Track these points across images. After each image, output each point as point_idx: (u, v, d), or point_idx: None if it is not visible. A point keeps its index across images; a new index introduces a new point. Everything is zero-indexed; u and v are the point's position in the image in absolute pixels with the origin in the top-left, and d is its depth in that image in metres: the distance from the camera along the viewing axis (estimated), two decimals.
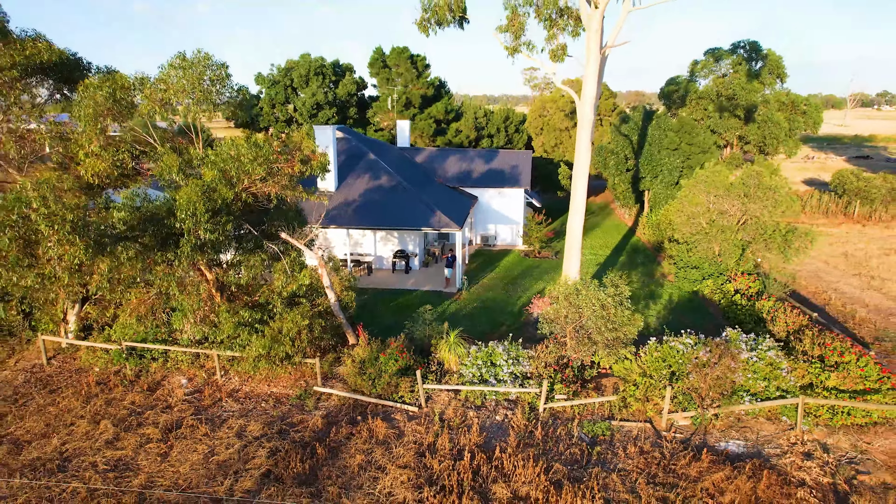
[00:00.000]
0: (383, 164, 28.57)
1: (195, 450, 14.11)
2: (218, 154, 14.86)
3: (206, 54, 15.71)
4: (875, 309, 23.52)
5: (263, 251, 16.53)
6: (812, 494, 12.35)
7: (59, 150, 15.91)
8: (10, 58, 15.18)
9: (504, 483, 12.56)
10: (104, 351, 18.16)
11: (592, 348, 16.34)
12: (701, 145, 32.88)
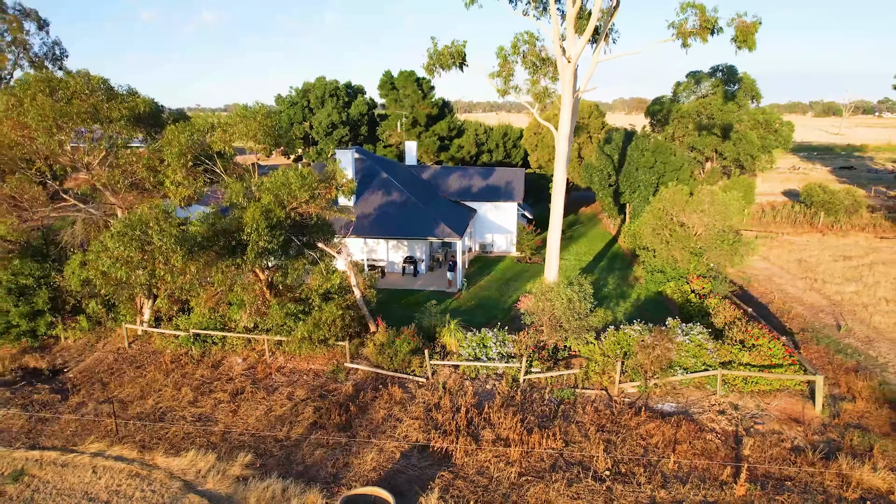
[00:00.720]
0: (394, 181, 33.11)
1: (257, 408, 18.59)
2: (273, 182, 19.39)
3: (262, 106, 20.24)
4: (809, 306, 27.87)
5: (304, 257, 21.03)
6: (717, 437, 16.74)
7: (151, 179, 20.45)
8: (119, 111, 19.75)
9: (490, 429, 16.98)
10: (174, 337, 22.66)
11: (563, 334, 20.74)
12: (673, 164, 37.29)
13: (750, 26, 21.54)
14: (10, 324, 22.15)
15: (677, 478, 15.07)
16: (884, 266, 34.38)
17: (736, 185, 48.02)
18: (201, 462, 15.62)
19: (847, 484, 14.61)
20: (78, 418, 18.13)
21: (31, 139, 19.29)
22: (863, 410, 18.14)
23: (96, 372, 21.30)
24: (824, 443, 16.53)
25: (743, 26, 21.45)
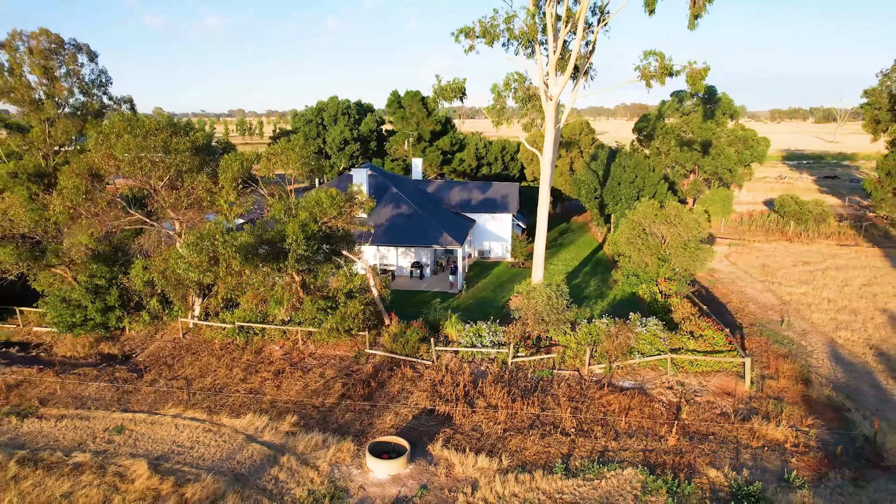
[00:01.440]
0: (403, 195, 37.68)
1: (296, 384, 23.09)
2: (307, 201, 23.95)
3: (301, 142, 24.75)
4: (762, 305, 32.28)
5: (331, 262, 25.56)
6: (662, 406, 21.17)
7: (207, 198, 24.97)
8: (184, 144, 24.34)
9: (482, 399, 21.45)
10: (221, 328, 27.18)
11: (545, 326, 25.21)
12: (651, 180, 41.76)
13: (699, 72, 26.07)
14: (87, 317, 26.68)
15: (627, 434, 19.51)
16: (836, 271, 38.77)
17: (715, 197, 52.57)
18: (258, 422, 20.12)
19: (754, 437, 19.04)
20: (154, 390, 22.68)
21: (117, 167, 23.91)
22: (783, 386, 22.55)
23: (160, 357, 25.85)
24: (746, 409, 20.95)
25: (693, 72, 26.00)
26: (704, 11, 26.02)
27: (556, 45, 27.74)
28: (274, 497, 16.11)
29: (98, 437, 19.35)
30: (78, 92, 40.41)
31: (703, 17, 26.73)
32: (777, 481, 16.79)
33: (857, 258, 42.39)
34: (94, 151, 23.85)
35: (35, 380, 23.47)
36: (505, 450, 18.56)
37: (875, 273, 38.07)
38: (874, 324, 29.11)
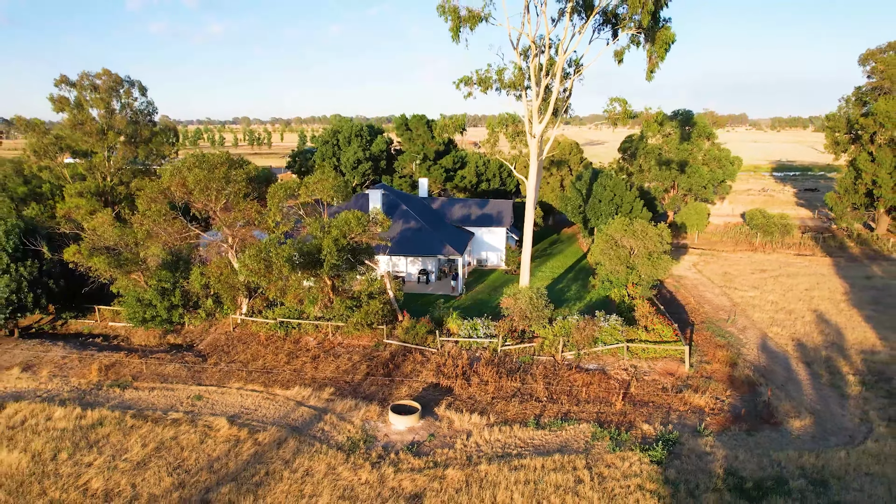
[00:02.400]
0: (411, 211, 43.84)
1: (329, 366, 29.17)
2: (338, 221, 30.11)
3: (336, 174, 30.89)
4: (716, 306, 38.26)
5: (355, 269, 31.70)
6: (617, 381, 27.15)
7: (258, 218, 31.14)
8: (240, 175, 30.57)
9: (476, 376, 27.50)
10: (265, 323, 33.30)
11: (528, 321, 31.25)
12: (628, 198, 47.81)
13: (652, 115, 32.29)
14: (156, 314, 32.83)
15: (586, 401, 25.51)
16: (787, 277, 44.72)
17: (690, 211, 58.69)
18: (303, 392, 26.21)
19: (683, 404, 25.04)
20: (219, 370, 28.81)
21: (189, 194, 30.12)
22: (715, 369, 28.53)
23: (217, 345, 31.99)
24: (682, 385, 26.93)
25: (647, 116, 32.30)
26: (658, 68, 32.20)
27: (538, 90, 33.91)
28: (322, 441, 22.17)
29: (183, 402, 25.47)
30: (131, 122, 46.81)
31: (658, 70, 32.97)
32: (692, 432, 22.76)
33: (809, 266, 48.31)
34: (169, 180, 30.13)
35: (125, 362, 29.64)
36: (492, 411, 24.59)
37: (819, 279, 44.01)
38: (803, 321, 35.08)
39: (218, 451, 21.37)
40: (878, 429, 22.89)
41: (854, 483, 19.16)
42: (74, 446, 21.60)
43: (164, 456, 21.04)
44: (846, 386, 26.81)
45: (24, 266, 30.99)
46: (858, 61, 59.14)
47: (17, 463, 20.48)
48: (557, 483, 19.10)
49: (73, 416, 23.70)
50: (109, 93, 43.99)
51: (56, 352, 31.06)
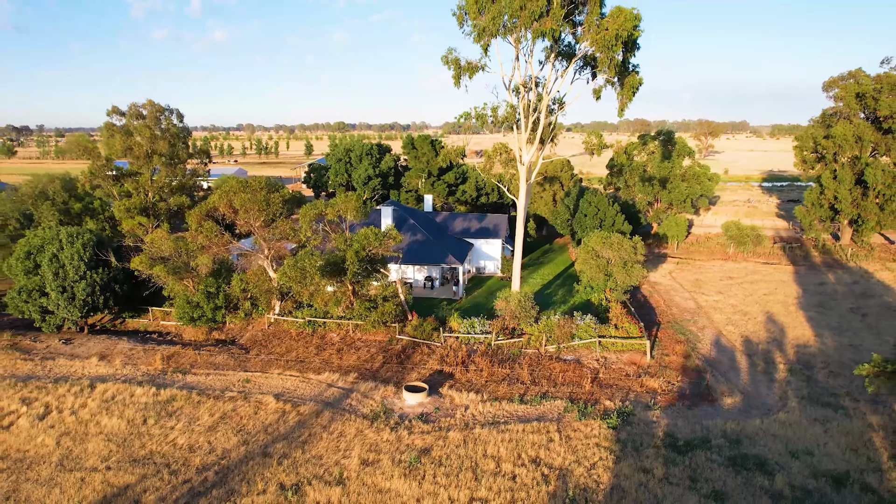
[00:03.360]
0: (418, 225, 49.85)
1: (352, 356, 35.13)
2: (359, 237, 36.14)
3: (358, 195, 36.90)
4: (683, 309, 44.11)
5: (372, 276, 37.70)
6: (588, 369, 33.05)
7: (291, 234, 37.14)
8: (277, 198, 36.67)
9: (473, 365, 33.43)
10: (294, 322, 39.26)
11: (517, 321, 37.17)
12: (610, 213, 53.75)
13: (623, 146, 38.21)
14: (203, 314, 38.81)
15: (562, 384, 31.40)
16: (750, 284, 50.56)
17: (671, 223, 64.57)
18: (332, 376, 32.17)
19: (641, 386, 30.91)
20: (260, 360, 34.80)
21: (234, 213, 36.19)
22: (672, 360, 34.40)
23: (256, 340, 37.99)
24: (642, 372, 32.79)
25: (618, 147, 38.23)
26: (627, 107, 38.22)
27: (527, 122, 39.94)
28: (351, 412, 28.10)
29: (235, 384, 31.45)
30: (171, 145, 53.04)
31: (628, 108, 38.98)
32: (644, 407, 28.62)
33: (773, 274, 54.15)
34: (217, 201, 36.24)
35: (182, 353, 35.65)
36: (486, 391, 30.50)
37: (778, 286, 49.85)
38: (754, 321, 40.94)
39: (269, 419, 27.33)
40: (790, 404, 28.75)
41: (760, 441, 25.02)
42: (157, 415, 27.59)
43: (228, 422, 27.01)
44: (776, 373, 32.68)
45: (97, 273, 37.06)
46: (822, 87, 65.11)
47: (118, 426, 26.48)
48: (534, 441, 24.99)
49: (150, 394, 29.69)
50: (153, 120, 50.22)
51: (123, 345, 37.12)
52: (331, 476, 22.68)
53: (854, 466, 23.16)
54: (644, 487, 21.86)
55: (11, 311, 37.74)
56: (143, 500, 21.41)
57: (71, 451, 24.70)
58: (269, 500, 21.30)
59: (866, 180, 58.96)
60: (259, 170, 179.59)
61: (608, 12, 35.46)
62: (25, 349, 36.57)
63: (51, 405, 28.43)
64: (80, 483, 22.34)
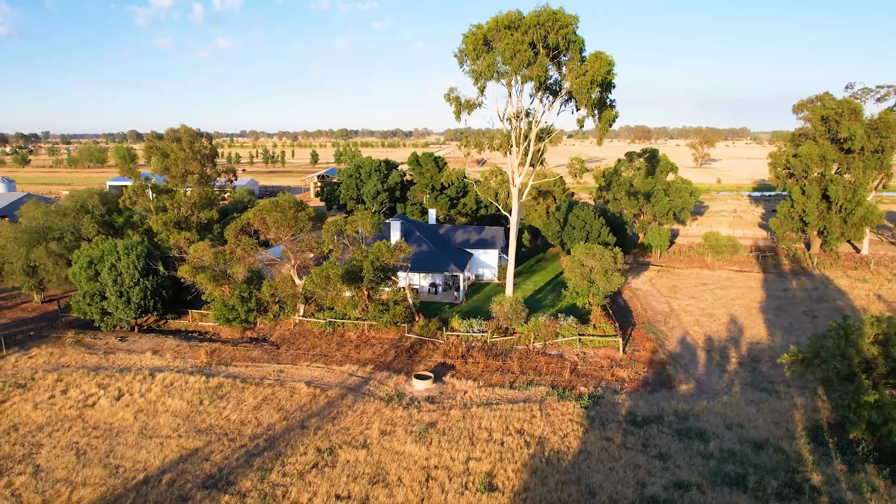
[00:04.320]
0: (423, 237, 55.85)
1: (368, 352, 41.09)
2: (374, 249, 42.17)
3: (371, 212, 42.88)
4: (657, 311, 49.98)
5: (384, 283, 43.68)
6: (569, 362, 38.95)
7: (316, 246, 43.13)
8: (304, 216, 42.76)
9: (472, 358, 39.37)
10: (317, 322, 45.21)
11: (510, 321, 43.11)
12: (596, 225, 59.67)
13: (601, 171, 44.19)
14: (237, 315, 44.77)
15: (546, 374, 37.28)
16: (721, 289, 56.41)
17: (654, 233, 70.42)
18: (353, 367, 38.11)
19: (612, 376, 36.80)
20: (290, 354, 40.76)
21: (267, 229, 42.27)
22: (641, 355, 40.26)
23: (284, 338, 43.97)
24: (615, 365, 38.65)
25: (597, 171, 44.20)
26: (605, 137, 44.27)
27: (519, 149, 45.99)
28: (370, 395, 34.02)
29: (271, 374, 37.39)
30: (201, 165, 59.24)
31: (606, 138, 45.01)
32: (612, 392, 34.48)
33: (744, 281, 60.01)
34: (253, 218, 42.33)
35: (222, 349, 41.66)
36: (481, 379, 36.40)
37: (746, 291, 55.71)
38: (719, 322, 46.81)
39: (303, 400, 33.27)
40: (734, 390, 34.61)
41: (704, 418, 30.88)
42: (210, 398, 33.55)
43: (269, 403, 32.95)
44: (728, 365, 38.56)
45: (148, 280, 43.12)
46: (792, 109, 71.19)
47: (180, 406, 32.45)
48: (519, 417, 30.88)
49: (202, 382, 35.64)
50: (188, 143, 56.45)
51: (170, 342, 43.14)
52: (357, 442, 28.60)
53: (774, 435, 29.02)
54: (605, 451, 27.74)
55: (75, 312, 43.78)
56: (211, 458, 27.36)
57: (147, 423, 30.68)
58: (309, 459, 27.22)
59: (830, 195, 64.85)
60: (267, 179, 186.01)
61: (588, 56, 41.62)
62: (88, 345, 42.60)
63: (122, 389, 34.42)
64: (160, 446, 28.30)
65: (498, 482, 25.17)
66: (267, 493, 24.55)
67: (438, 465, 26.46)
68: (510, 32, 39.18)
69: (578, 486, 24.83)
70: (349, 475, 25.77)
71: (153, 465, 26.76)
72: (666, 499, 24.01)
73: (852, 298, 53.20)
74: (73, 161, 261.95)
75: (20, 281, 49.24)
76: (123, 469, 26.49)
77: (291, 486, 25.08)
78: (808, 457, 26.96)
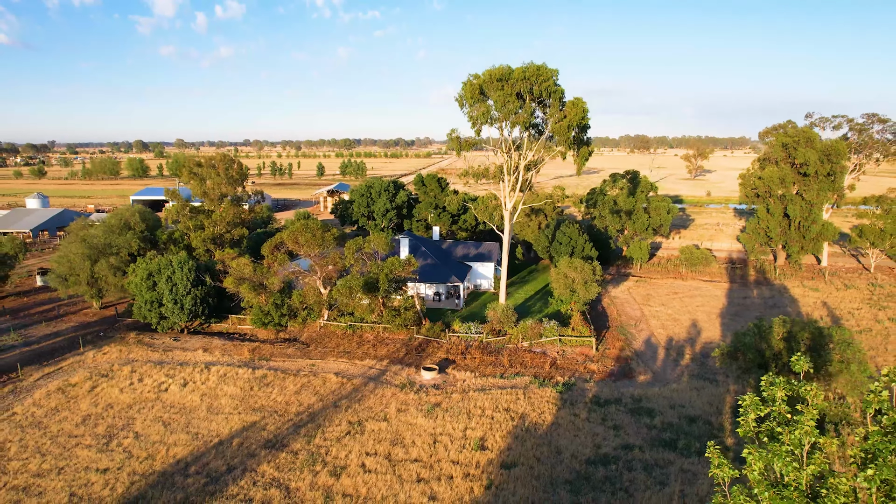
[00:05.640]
0: (428, 252, 64.04)
1: (383, 349, 49.20)
2: (388, 263, 50.37)
3: (386, 233, 50.86)
4: (629, 316, 58.00)
5: (396, 291, 51.85)
6: (550, 358, 47.02)
7: (340, 261, 51.22)
8: (330, 235, 50.88)
9: (470, 355, 47.46)
10: (339, 325, 53.33)
11: (502, 324, 51.20)
12: (580, 242, 67.79)
13: (581, 196, 52.35)
14: (272, 319, 52.88)
15: (531, 367, 45.32)
16: (689, 297, 64.41)
17: (635, 247, 78.53)
18: (371, 362, 46.20)
19: (585, 368, 44.85)
20: (319, 352, 48.87)
21: (299, 247, 50.46)
22: (611, 352, 48.28)
23: (312, 338, 52.08)
24: (588, 360, 46.69)
25: (575, 197, 52.39)
26: (583, 169, 52.48)
27: (510, 178, 54.22)
28: (387, 383, 42.07)
29: (305, 368, 45.47)
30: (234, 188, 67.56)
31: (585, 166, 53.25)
32: (583, 381, 42.48)
33: (711, 290, 68.01)
34: (287, 238, 50.55)
35: (262, 347, 49.78)
36: (477, 371, 44.44)
37: (711, 299, 63.72)
38: (681, 326, 54.82)
39: (334, 387, 41.34)
40: (683, 379, 42.61)
41: (654, 400, 38.87)
42: (258, 385, 41.63)
43: (307, 389, 41.01)
44: (682, 360, 46.56)
45: (198, 290, 51.33)
46: (759, 136, 79.46)
47: (235, 391, 40.54)
48: (507, 399, 38.89)
49: (249, 373, 43.73)
50: (223, 169, 64.83)
51: (217, 341, 51.30)
52: (379, 417, 36.65)
53: (706, 412, 37.03)
54: (572, 423, 35.75)
55: (136, 316, 51.99)
56: (266, 428, 35.42)
57: (211, 404, 38.77)
58: (343, 429, 35.27)
59: (789, 214, 72.97)
60: (277, 192, 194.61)
61: (567, 101, 49.94)
62: (148, 344, 50.76)
63: (186, 378, 42.54)
64: (226, 420, 36.38)
65: (488, 444, 33.20)
66: (313, 452, 32.61)
67: (443, 432, 34.51)
68: (501, 85, 47.52)
69: (549, 447, 32.85)
70: (374, 439, 33.83)
71: (224, 433, 34.85)
72: (614, 456, 32.03)
73: (802, 305, 61.19)
74: (87, 173, 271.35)
75: (83, 290, 57.40)
76: (202, 435, 34.60)
77: (331, 447, 33.15)
78: (728, 427, 34.97)
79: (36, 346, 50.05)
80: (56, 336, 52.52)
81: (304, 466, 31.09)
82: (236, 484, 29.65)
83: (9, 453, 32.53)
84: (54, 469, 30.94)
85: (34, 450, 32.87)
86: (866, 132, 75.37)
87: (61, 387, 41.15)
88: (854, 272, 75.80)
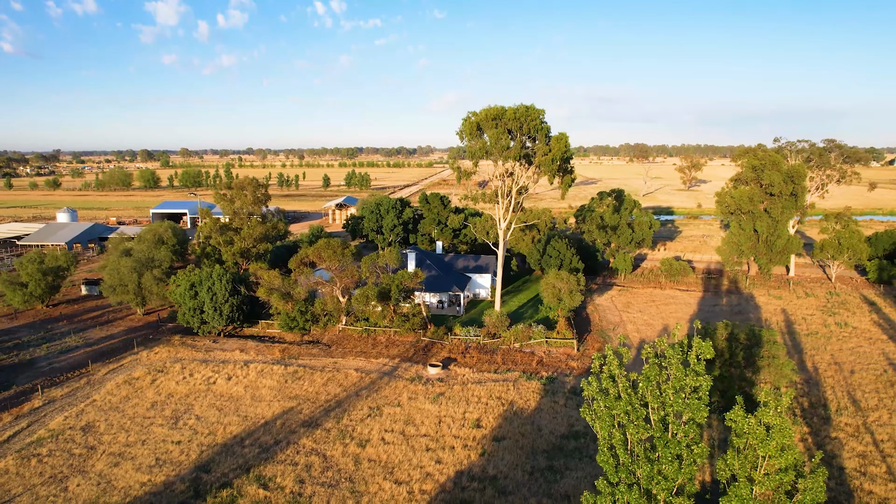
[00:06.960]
0: (432, 264, 72.13)
1: (395, 349, 57.20)
2: (399, 276, 58.50)
3: (396, 248, 58.96)
4: (609, 321, 65.94)
5: (405, 300, 59.90)
6: (537, 356, 54.97)
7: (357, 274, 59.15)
8: (348, 251, 58.93)
9: (469, 354, 55.46)
10: (355, 329, 61.31)
11: (497, 328, 59.19)
12: (567, 255, 75.79)
13: (564, 215, 60.45)
14: (297, 324, 60.88)
15: (521, 364, 53.26)
16: (664, 305, 72.31)
17: (620, 259, 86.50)
18: (384, 360, 54.18)
19: (567, 365, 52.82)
20: (339, 351, 56.87)
21: (321, 260, 58.55)
22: (590, 352, 56.17)
23: (333, 340, 60.09)
24: (570, 358, 54.61)
25: (560, 217, 60.47)
26: (566, 194, 60.62)
27: (504, 202, 62.33)
28: (398, 377, 50.03)
29: (328, 365, 53.46)
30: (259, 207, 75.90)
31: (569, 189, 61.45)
32: (564, 375, 50.40)
33: (686, 298, 75.90)
34: (311, 253, 58.65)
35: (290, 348, 57.79)
36: (475, 368, 52.38)
37: (683, 306, 71.62)
38: (653, 330, 62.72)
39: (354, 380, 49.30)
40: None
41: None
42: (291, 379, 49.59)
43: (332, 382, 48.98)
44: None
45: (234, 298, 59.42)
46: (732, 157, 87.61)
47: (272, 384, 48.52)
48: (499, 389, 46.82)
49: (282, 369, 51.70)
50: (251, 192, 73.17)
51: (250, 343, 59.33)
52: (394, 403, 44.60)
53: None
54: (552, 408, 43.66)
55: (180, 321, 60.08)
56: (302, 412, 43.38)
57: (254, 394, 46.76)
58: (364, 412, 43.23)
59: (757, 229, 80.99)
60: (286, 203, 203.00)
61: (552, 136, 58.18)
62: (191, 345, 58.79)
63: (230, 374, 50.54)
64: (268, 406, 44.37)
65: (483, 423, 41.14)
66: (342, 429, 40.58)
67: (446, 415, 42.46)
68: (495, 123, 55.80)
69: (532, 426, 40.77)
70: (391, 420, 41.80)
71: (268, 415, 42.85)
72: (584, 433, 39.96)
73: (763, 312, 69.11)
74: (100, 184, 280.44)
75: (129, 298, 65.49)
76: (250, 417, 42.59)
77: (356, 425, 41.11)
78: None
79: (96, 346, 58.14)
80: (111, 338, 60.62)
81: (336, 440, 39.07)
82: (283, 452, 37.61)
83: (100, 429, 40.55)
84: (138, 441, 38.96)
85: (119, 427, 40.89)
86: (825, 156, 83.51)
87: (127, 380, 49.20)
88: (817, 282, 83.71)
